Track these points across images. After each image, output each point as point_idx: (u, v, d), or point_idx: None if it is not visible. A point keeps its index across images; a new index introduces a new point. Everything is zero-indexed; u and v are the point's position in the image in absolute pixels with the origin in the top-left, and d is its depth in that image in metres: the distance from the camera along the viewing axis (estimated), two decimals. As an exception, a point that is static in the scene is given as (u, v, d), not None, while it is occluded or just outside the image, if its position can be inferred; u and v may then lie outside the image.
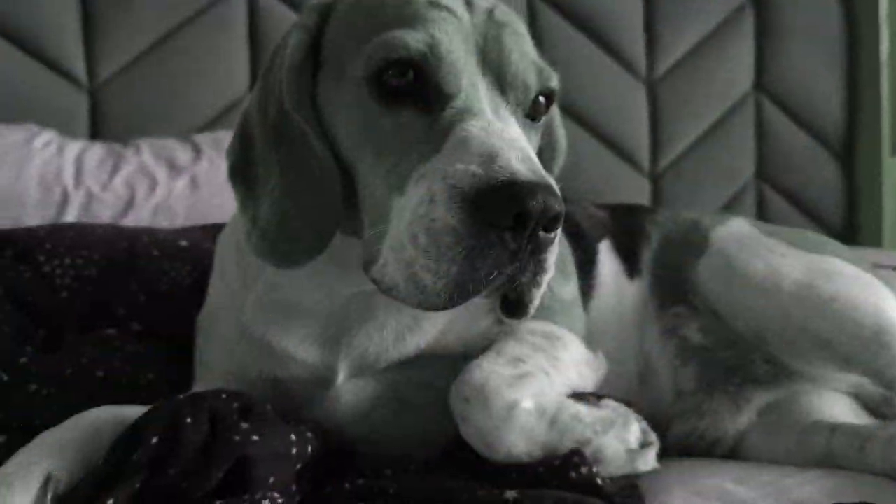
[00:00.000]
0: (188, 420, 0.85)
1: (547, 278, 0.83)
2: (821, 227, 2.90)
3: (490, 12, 0.92)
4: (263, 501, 0.78)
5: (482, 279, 0.77)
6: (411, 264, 0.79)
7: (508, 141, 0.81)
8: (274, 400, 1.05)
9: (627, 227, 1.40)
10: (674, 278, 1.32)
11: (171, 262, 1.37)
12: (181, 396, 0.89)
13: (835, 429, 1.13)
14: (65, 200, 1.98)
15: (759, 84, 2.99)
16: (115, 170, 2.05)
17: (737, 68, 2.96)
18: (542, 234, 0.78)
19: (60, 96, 2.21)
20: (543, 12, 2.71)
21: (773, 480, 0.99)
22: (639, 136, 2.86)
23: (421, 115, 0.86)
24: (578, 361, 1.09)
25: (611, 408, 0.98)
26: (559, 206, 0.77)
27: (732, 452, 1.25)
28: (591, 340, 1.18)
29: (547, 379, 1.00)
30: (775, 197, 3.00)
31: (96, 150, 2.08)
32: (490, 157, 0.78)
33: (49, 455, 0.88)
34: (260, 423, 0.88)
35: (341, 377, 1.06)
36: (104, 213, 1.99)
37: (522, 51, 0.91)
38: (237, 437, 0.85)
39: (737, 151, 2.97)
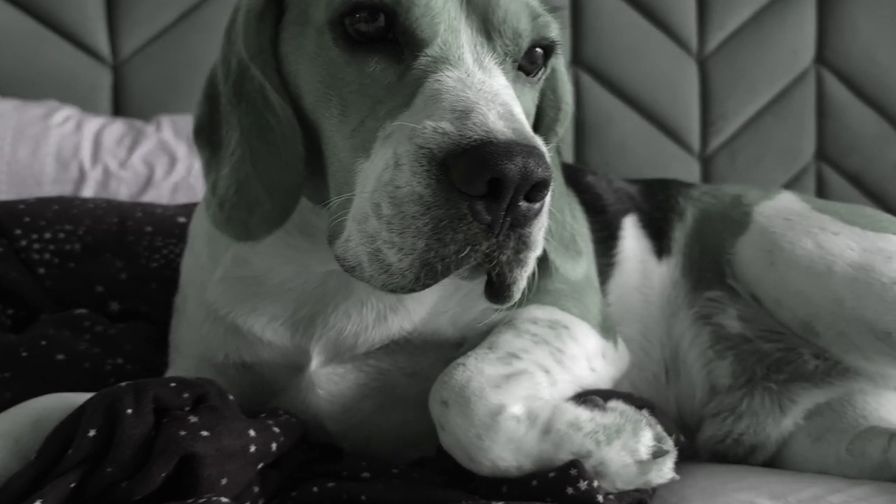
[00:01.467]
0: (129, 411, 0.75)
1: (533, 256, 0.72)
2: (886, 212, 2.68)
3: None
4: (205, 507, 0.68)
5: (452, 256, 0.66)
6: (374, 238, 0.69)
7: (488, 94, 0.70)
8: (246, 387, 0.96)
9: (658, 203, 1.26)
10: (710, 259, 1.17)
11: (164, 238, 1.29)
12: (123, 384, 0.79)
13: (894, 435, 0.97)
14: (81, 178, 1.94)
15: (821, 57, 2.78)
16: (134, 146, 2.00)
17: (796, 41, 2.75)
18: (523, 203, 0.67)
19: (83, 72, 2.17)
20: (585, -19, 2.56)
21: (817, 496, 0.84)
22: (688, 115, 2.70)
23: (391, 64, 0.76)
24: (591, 354, 0.96)
25: (618, 412, 0.83)
26: (543, 172, 0.65)
27: (773, 460, 1.10)
28: (608, 327, 1.04)
29: (546, 378, 0.87)
30: (838, 179, 2.79)
31: (116, 127, 2.04)
32: (464, 114, 0.67)
33: None
34: (211, 416, 0.78)
35: (315, 362, 0.95)
36: (122, 191, 1.94)
37: None
38: (183, 433, 0.74)
39: (796, 130, 2.77)
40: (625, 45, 2.60)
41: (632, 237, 1.21)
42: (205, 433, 0.76)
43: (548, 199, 0.70)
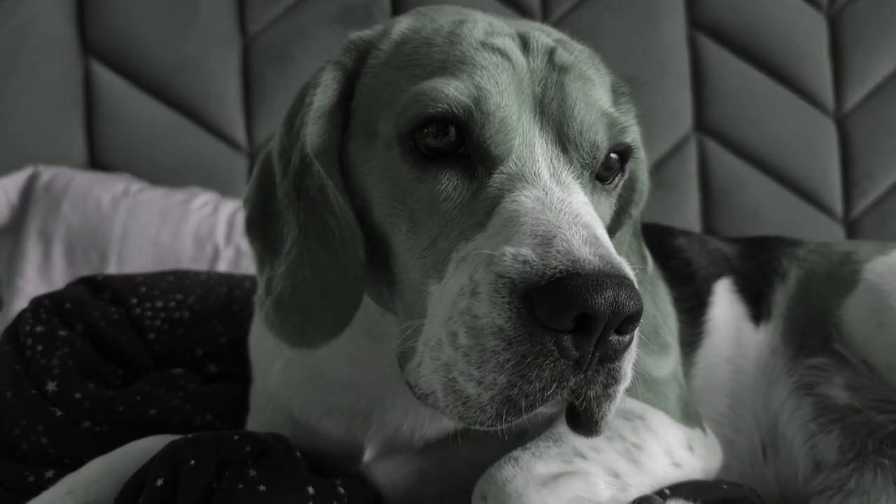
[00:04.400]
0: (192, 462, 0.78)
1: (622, 389, 0.66)
2: None
3: (551, 53, 0.77)
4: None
5: (537, 394, 0.62)
6: (450, 368, 0.65)
7: (570, 216, 0.66)
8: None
9: (759, 264, 1.18)
10: (814, 323, 1.09)
11: (269, 307, 1.35)
12: (188, 436, 0.83)
13: None
14: (215, 256, 2.09)
15: (978, 106, 2.55)
16: (264, 226, 2.13)
17: (951, 92, 2.55)
18: (613, 338, 0.62)
19: (223, 159, 2.36)
20: (707, 47, 2.52)
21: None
22: (827, 177, 2.54)
23: (464, 181, 0.72)
24: (672, 446, 0.89)
25: None
26: (635, 305, 0.61)
27: (891, 546, 0.97)
28: (690, 414, 0.96)
29: (612, 482, 0.80)
30: None
31: (249, 209, 2.18)
32: (546, 239, 0.63)
33: (87, 485, 0.87)
34: (271, 471, 0.80)
35: (368, 455, 0.93)
36: (252, 269, 2.06)
37: (589, 100, 0.76)
38: (241, 486, 0.77)
39: (956, 189, 2.54)
40: (752, 107, 2.51)
41: (724, 303, 1.13)
42: (262, 487, 0.78)
43: (637, 328, 0.65)
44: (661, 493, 0.81)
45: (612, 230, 0.91)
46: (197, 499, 0.77)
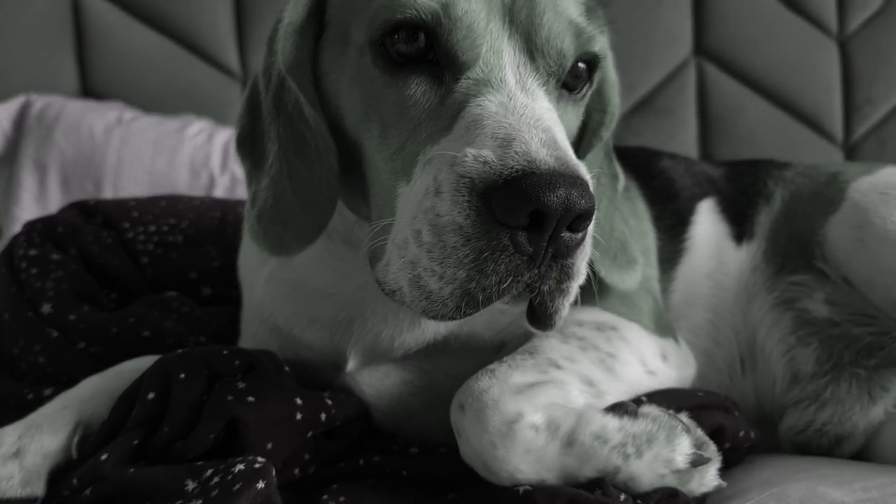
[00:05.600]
0: (182, 376, 0.81)
1: (575, 285, 0.70)
2: None
3: None
4: (238, 465, 0.71)
5: (493, 287, 0.65)
6: (415, 265, 0.68)
7: (531, 120, 0.69)
8: None
9: (744, 186, 1.19)
10: (798, 242, 1.09)
11: (262, 232, 1.36)
12: (178, 352, 0.85)
13: None
14: (211, 184, 2.08)
15: (982, 28, 2.50)
16: (259, 154, 2.12)
17: (956, 15, 2.50)
18: (565, 234, 0.65)
19: (216, 87, 2.34)
20: (708, -32, 2.46)
21: (885, 484, 0.76)
22: (828, 101, 2.52)
23: (432, 87, 0.75)
24: (646, 356, 0.91)
25: (650, 418, 0.77)
26: (586, 203, 0.63)
27: (863, 453, 1.00)
28: (664, 326, 0.98)
29: (587, 390, 0.83)
30: None
31: (244, 137, 2.17)
32: (505, 141, 0.66)
33: (83, 401, 0.90)
34: (259, 383, 0.82)
35: (351, 364, 0.96)
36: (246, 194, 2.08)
37: (558, 9, 0.77)
38: (230, 398, 0.79)
39: (958, 113, 2.51)
40: (752, 30, 2.47)
41: (706, 222, 1.15)
42: (251, 398, 0.80)
43: (591, 227, 0.68)
44: (636, 401, 0.83)
45: (583, 151, 0.94)
46: (187, 411, 0.80)
